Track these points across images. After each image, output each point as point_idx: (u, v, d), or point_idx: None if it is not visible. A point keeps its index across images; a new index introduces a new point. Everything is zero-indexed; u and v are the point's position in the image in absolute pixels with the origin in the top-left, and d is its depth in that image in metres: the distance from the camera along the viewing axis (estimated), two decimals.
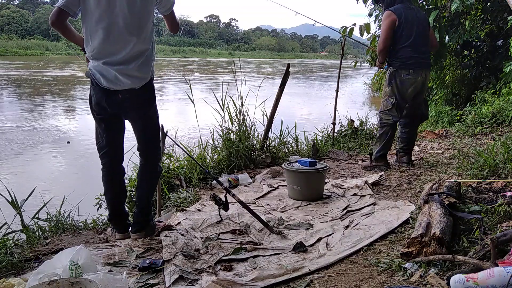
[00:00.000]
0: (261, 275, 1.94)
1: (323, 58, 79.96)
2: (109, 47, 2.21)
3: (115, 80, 2.23)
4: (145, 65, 2.28)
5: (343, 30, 5.80)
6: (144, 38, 2.26)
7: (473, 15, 6.93)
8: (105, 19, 2.18)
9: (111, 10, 2.17)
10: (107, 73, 2.23)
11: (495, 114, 5.95)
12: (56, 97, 13.22)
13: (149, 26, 2.29)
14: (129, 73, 2.23)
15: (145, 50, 2.28)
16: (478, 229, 2.06)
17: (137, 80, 2.26)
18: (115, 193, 2.50)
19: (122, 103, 2.29)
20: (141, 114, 2.38)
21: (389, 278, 1.88)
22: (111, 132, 2.40)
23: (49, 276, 1.66)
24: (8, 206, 2.70)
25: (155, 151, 2.50)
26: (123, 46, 2.21)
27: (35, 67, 22.16)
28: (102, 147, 2.42)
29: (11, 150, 6.56)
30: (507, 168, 3.05)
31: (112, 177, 2.47)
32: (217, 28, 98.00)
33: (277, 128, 4.75)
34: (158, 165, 2.56)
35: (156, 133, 2.50)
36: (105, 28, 2.19)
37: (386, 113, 3.96)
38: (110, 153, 2.43)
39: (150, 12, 2.28)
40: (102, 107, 2.31)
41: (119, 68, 2.22)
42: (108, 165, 2.44)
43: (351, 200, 3.14)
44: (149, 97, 2.38)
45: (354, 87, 18.30)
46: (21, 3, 66.50)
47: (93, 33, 2.21)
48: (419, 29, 3.83)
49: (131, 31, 2.22)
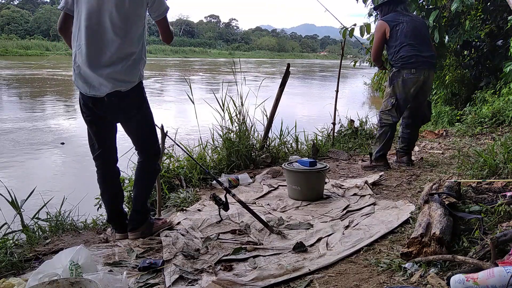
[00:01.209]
0: (261, 275, 1.95)
1: (323, 58, 79.93)
2: (94, 46, 2.19)
3: (99, 86, 2.21)
4: (131, 69, 2.24)
5: (343, 30, 5.81)
6: (130, 40, 2.22)
7: (473, 15, 6.93)
8: (92, 18, 2.18)
9: (99, 8, 2.18)
10: (91, 79, 2.21)
11: (495, 114, 5.94)
12: (56, 96, 13.22)
13: (137, 30, 2.25)
14: (114, 76, 2.20)
15: (131, 53, 2.23)
16: (478, 229, 2.06)
17: (123, 84, 2.23)
18: (112, 194, 2.50)
19: (109, 106, 2.27)
20: (130, 116, 2.35)
21: (389, 278, 1.88)
22: (102, 134, 2.40)
23: (49, 276, 1.66)
24: (8, 206, 2.70)
25: (150, 151, 2.47)
26: (107, 45, 2.19)
27: (36, 66, 22.14)
28: (95, 150, 2.42)
29: (11, 150, 6.56)
30: (507, 168, 3.05)
31: (107, 179, 2.47)
32: (217, 28, 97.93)
33: (277, 128, 4.75)
34: (154, 164, 2.51)
35: (148, 133, 2.45)
36: (91, 26, 2.18)
37: (386, 113, 3.96)
38: (103, 155, 2.42)
39: (139, 15, 2.24)
40: (90, 109, 2.30)
41: (103, 72, 2.19)
42: (102, 167, 2.44)
43: (351, 200, 3.14)
44: (138, 100, 2.34)
45: (354, 87, 18.29)
46: (21, 3, 66.45)
47: (80, 31, 2.21)
48: (417, 30, 3.86)
49: (117, 32, 2.19)
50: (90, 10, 2.18)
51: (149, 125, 2.46)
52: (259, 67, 34.64)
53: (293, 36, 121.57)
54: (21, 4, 65.61)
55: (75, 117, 10.17)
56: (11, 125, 8.42)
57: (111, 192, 2.50)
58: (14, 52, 39.30)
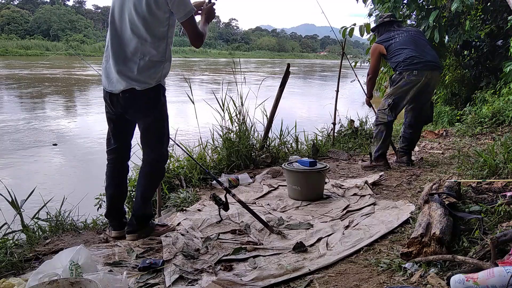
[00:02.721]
0: (261, 275, 1.95)
1: (323, 58, 79.90)
2: (116, 42, 2.27)
3: (116, 82, 2.26)
4: (147, 69, 2.24)
5: (343, 30, 5.81)
6: (149, 41, 2.22)
7: (473, 15, 6.93)
8: (116, 14, 2.27)
9: (122, 4, 2.25)
10: (112, 74, 2.28)
11: (495, 114, 5.94)
12: (56, 96, 13.22)
13: (156, 31, 2.23)
14: (128, 74, 2.23)
15: (148, 54, 2.23)
16: (478, 229, 2.06)
17: (137, 83, 2.23)
18: (116, 189, 2.51)
19: (123, 103, 2.30)
20: (143, 116, 2.34)
21: (389, 278, 1.88)
22: (118, 132, 2.45)
23: (49, 276, 1.66)
24: (8, 206, 2.70)
25: (154, 154, 2.42)
26: (126, 43, 2.24)
27: (38, 66, 22.14)
28: (110, 144, 2.48)
29: (11, 149, 6.57)
30: (507, 168, 3.05)
31: (115, 174, 2.50)
32: (217, 28, 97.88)
33: (277, 128, 4.75)
34: (156, 168, 2.47)
35: (156, 137, 2.41)
36: (115, 22, 2.28)
37: (382, 112, 4.02)
38: (116, 150, 2.47)
39: (157, 17, 2.21)
40: (109, 105, 2.37)
41: (121, 68, 2.24)
42: (113, 161, 2.49)
43: (351, 200, 3.14)
44: (152, 102, 2.31)
45: (355, 87, 18.29)
46: (21, 3, 66.46)
47: (109, 25, 2.32)
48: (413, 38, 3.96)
49: (135, 30, 2.22)
50: (116, 5, 2.27)
51: (159, 130, 2.39)
52: (263, 66, 34.59)
53: (293, 36, 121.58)
54: (21, 4, 65.64)
55: (75, 117, 10.19)
56: (11, 124, 8.42)
57: (116, 188, 2.51)
58: (14, 52, 39.31)
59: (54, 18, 58.20)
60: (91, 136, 7.38)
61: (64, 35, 56.17)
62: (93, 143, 6.97)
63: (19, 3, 66.71)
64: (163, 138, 2.44)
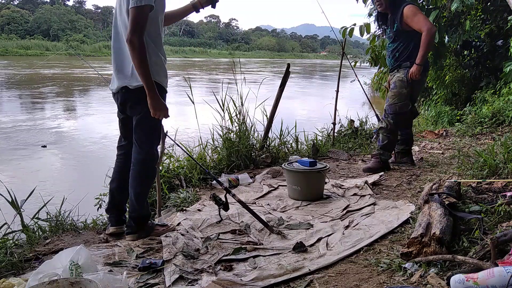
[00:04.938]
0: (261, 275, 1.95)
1: (323, 58, 79.92)
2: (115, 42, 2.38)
3: (114, 81, 2.39)
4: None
5: (343, 30, 5.81)
6: None
7: (473, 15, 6.93)
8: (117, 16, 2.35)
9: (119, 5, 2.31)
10: (113, 74, 2.40)
11: (495, 114, 5.94)
12: (57, 96, 13.22)
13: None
14: (124, 73, 2.33)
15: None
16: (478, 229, 2.06)
17: (130, 81, 2.31)
18: (120, 185, 2.53)
19: (121, 101, 2.41)
20: (136, 112, 2.38)
21: (389, 278, 1.88)
22: (125, 128, 2.53)
23: (49, 276, 1.66)
24: (8, 206, 2.70)
25: (143, 152, 2.40)
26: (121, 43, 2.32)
27: (37, 65, 22.14)
28: (121, 141, 2.59)
29: (11, 149, 6.56)
30: (507, 168, 3.05)
31: (122, 170, 2.53)
32: (217, 28, 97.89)
33: (277, 128, 4.75)
34: (146, 167, 2.43)
35: (147, 133, 2.40)
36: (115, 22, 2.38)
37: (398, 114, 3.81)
38: (126, 147, 2.55)
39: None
40: (116, 105, 2.48)
41: (118, 67, 2.37)
42: (121, 157, 2.57)
43: (351, 200, 3.14)
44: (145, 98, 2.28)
45: (355, 87, 18.29)
46: (21, 3, 66.43)
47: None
48: None
49: (124, 31, 2.28)
50: (116, 6, 2.36)
51: (149, 127, 2.39)
52: (267, 66, 34.55)
53: (293, 36, 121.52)
54: (21, 4, 65.60)
55: (75, 117, 10.19)
56: (11, 124, 8.42)
57: (118, 183, 2.54)
58: (14, 52, 39.27)
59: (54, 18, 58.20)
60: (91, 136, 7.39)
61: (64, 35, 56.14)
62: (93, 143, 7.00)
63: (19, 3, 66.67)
64: (153, 136, 2.44)
